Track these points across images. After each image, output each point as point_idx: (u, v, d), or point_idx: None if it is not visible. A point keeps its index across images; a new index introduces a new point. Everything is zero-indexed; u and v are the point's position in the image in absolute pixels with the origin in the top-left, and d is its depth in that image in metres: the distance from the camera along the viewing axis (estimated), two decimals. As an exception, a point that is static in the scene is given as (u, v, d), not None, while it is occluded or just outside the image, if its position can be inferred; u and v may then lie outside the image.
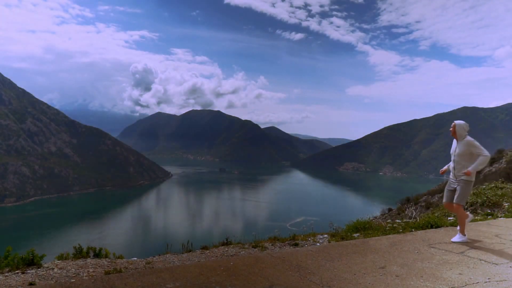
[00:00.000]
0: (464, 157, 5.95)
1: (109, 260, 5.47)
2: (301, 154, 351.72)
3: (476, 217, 8.49)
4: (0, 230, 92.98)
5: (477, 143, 5.89)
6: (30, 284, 4.08)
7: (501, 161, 27.78)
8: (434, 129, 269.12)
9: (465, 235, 6.00)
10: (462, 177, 5.94)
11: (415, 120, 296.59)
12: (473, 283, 3.91)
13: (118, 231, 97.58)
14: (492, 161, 29.47)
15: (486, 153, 5.79)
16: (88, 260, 5.35)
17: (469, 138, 5.99)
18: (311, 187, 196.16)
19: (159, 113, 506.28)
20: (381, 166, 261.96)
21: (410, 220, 8.94)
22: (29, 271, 4.58)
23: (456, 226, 7.06)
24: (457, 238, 5.99)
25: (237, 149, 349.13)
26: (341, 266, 4.48)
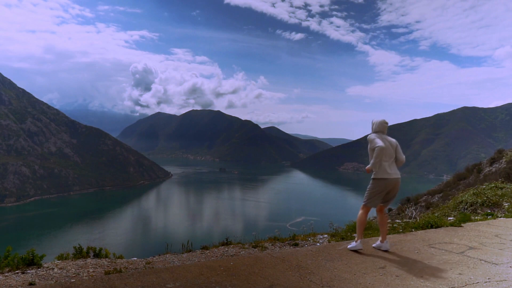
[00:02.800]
0: (370, 154, 5.36)
1: (109, 260, 5.47)
2: (301, 154, 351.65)
3: (476, 217, 8.48)
4: (0, 230, 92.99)
5: (373, 138, 5.26)
6: (30, 284, 4.07)
7: (501, 161, 27.75)
8: (434, 129, 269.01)
9: (357, 242, 5.24)
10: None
11: (415, 120, 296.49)
12: (473, 283, 3.90)
13: (118, 231, 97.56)
14: (492, 161, 29.45)
15: (377, 144, 5.13)
16: (88, 260, 5.35)
17: (370, 135, 5.41)
18: (311, 187, 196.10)
19: (159, 113, 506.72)
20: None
21: (410, 220, 8.94)
22: (29, 271, 4.58)
23: (455, 226, 7.05)
24: (351, 245, 5.31)
25: (237, 149, 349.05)
26: (341, 266, 4.48)
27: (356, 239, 5.32)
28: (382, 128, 5.36)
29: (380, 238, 5.40)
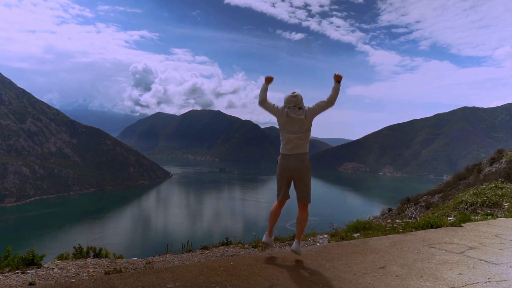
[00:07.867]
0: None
1: (109, 260, 5.47)
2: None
3: (476, 217, 8.48)
4: (0, 230, 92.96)
5: None
6: (30, 284, 4.07)
7: (501, 161, 27.76)
8: (434, 129, 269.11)
9: (268, 235, 5.11)
10: None
11: (415, 120, 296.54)
12: (473, 283, 3.90)
13: (118, 231, 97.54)
14: (492, 161, 29.47)
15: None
16: (88, 260, 5.35)
17: None
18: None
19: (159, 113, 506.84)
20: (381, 166, 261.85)
21: (410, 220, 8.93)
22: (29, 271, 4.58)
23: (455, 226, 7.03)
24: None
25: (237, 149, 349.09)
26: (341, 266, 4.48)
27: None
28: (288, 102, 4.77)
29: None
